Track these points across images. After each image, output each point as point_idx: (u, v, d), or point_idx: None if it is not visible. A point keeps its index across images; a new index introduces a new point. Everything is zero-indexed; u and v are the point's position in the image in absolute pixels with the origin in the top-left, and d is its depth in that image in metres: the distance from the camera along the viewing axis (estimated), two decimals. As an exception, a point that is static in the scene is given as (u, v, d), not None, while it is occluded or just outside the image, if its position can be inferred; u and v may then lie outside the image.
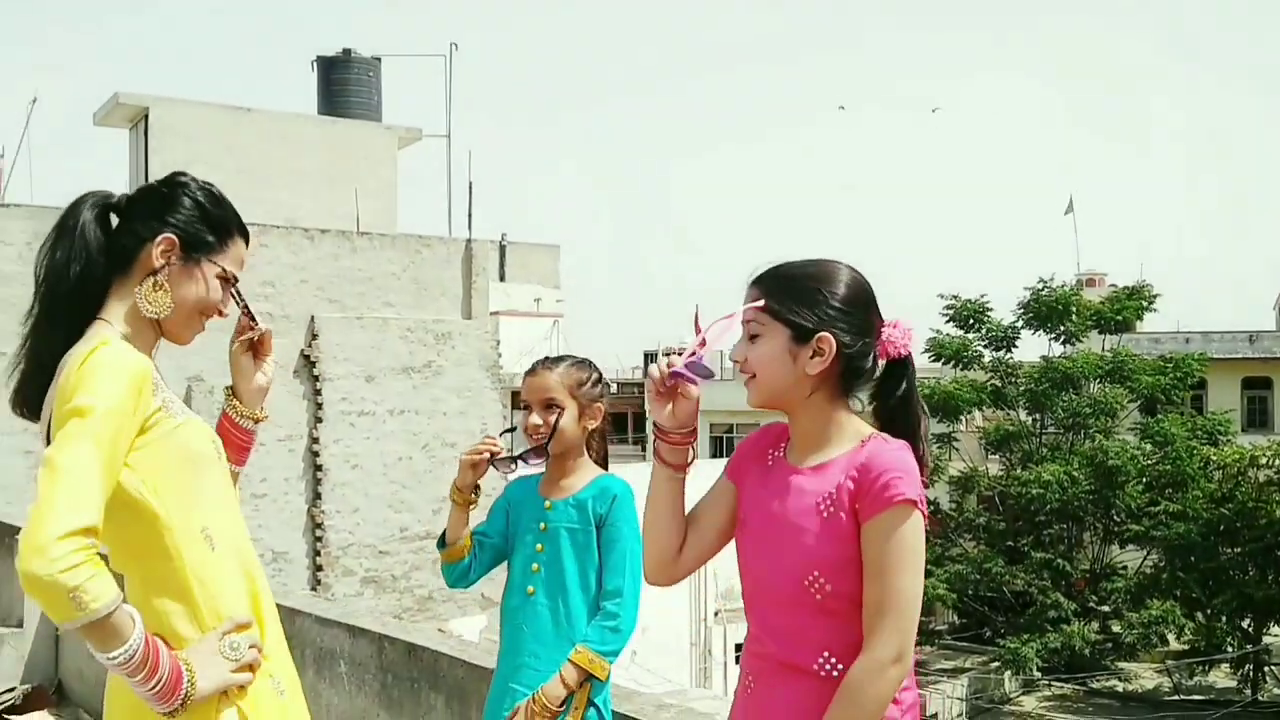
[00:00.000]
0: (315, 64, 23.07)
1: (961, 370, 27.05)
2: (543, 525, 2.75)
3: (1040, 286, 26.55)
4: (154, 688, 1.82)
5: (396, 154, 22.24)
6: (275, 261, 16.74)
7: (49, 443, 1.90)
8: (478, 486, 2.80)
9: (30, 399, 2.06)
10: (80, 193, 2.13)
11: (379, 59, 23.58)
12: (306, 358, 16.50)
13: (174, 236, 2.06)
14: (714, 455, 32.41)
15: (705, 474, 2.09)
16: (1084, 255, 55.52)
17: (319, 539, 16.35)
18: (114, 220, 2.12)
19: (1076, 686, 22.58)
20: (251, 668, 1.98)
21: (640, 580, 2.62)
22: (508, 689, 2.71)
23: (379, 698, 3.76)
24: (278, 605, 3.97)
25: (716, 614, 19.44)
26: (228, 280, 2.14)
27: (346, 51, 22.94)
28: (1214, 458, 24.38)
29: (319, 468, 16.47)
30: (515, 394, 19.32)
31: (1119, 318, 27.25)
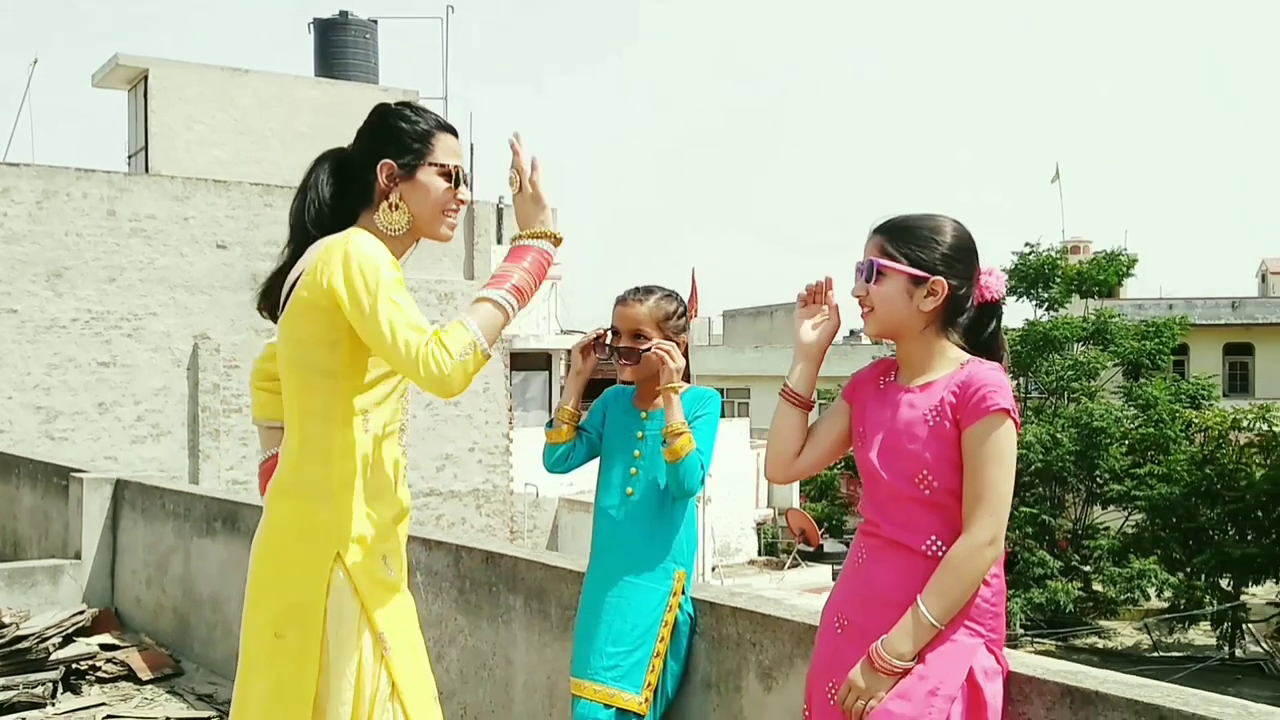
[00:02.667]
0: (312, 26, 23.12)
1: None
2: (640, 434, 3.03)
3: (1027, 251, 26.93)
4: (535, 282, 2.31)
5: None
6: (280, 222, 16.79)
7: (275, 317, 2.36)
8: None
9: (275, 305, 2.43)
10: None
11: (375, 21, 23.66)
12: (310, 317, 16.71)
13: (388, 161, 2.36)
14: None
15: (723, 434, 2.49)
16: (1069, 223, 56.04)
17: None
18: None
19: (1058, 643, 23.15)
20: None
21: (711, 455, 2.93)
22: (607, 580, 2.98)
23: (456, 603, 4.05)
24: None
25: (714, 569, 19.87)
26: (449, 173, 2.40)
27: (343, 14, 23.00)
28: (1196, 421, 24.91)
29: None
30: (515, 355, 19.60)
31: (1100, 280, 27.64)
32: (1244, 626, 23.22)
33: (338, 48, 22.83)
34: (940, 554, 2.22)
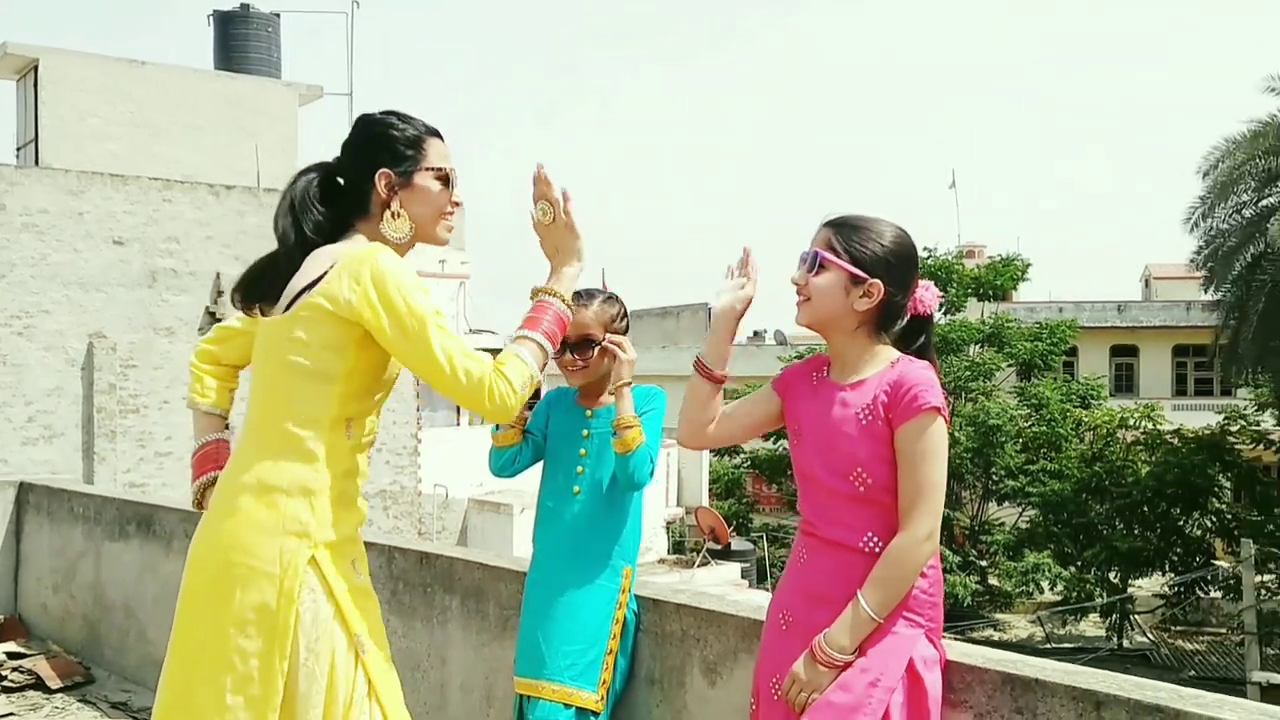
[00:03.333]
0: (212, 18, 22.55)
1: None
2: (586, 433, 3.05)
3: (925, 256, 27.57)
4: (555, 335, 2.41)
5: (297, 111, 21.93)
6: (179, 217, 16.51)
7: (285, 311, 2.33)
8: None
9: (253, 297, 2.45)
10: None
11: (278, 15, 23.18)
12: (212, 315, 16.32)
13: (386, 170, 2.38)
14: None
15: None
16: (964, 228, 57.46)
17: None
18: (339, 181, 2.45)
19: (955, 636, 23.66)
20: None
21: (658, 450, 2.98)
22: (554, 578, 2.98)
23: (389, 604, 4.01)
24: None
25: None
26: (444, 176, 2.43)
27: (244, 6, 22.50)
28: (1085, 420, 25.85)
29: (228, 426, 16.33)
30: (422, 354, 19.37)
31: (997, 284, 28.46)
32: (1131, 618, 24.12)
33: (238, 41, 22.31)
34: (878, 550, 2.28)
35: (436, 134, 2.46)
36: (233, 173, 19.04)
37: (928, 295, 2.44)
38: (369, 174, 2.37)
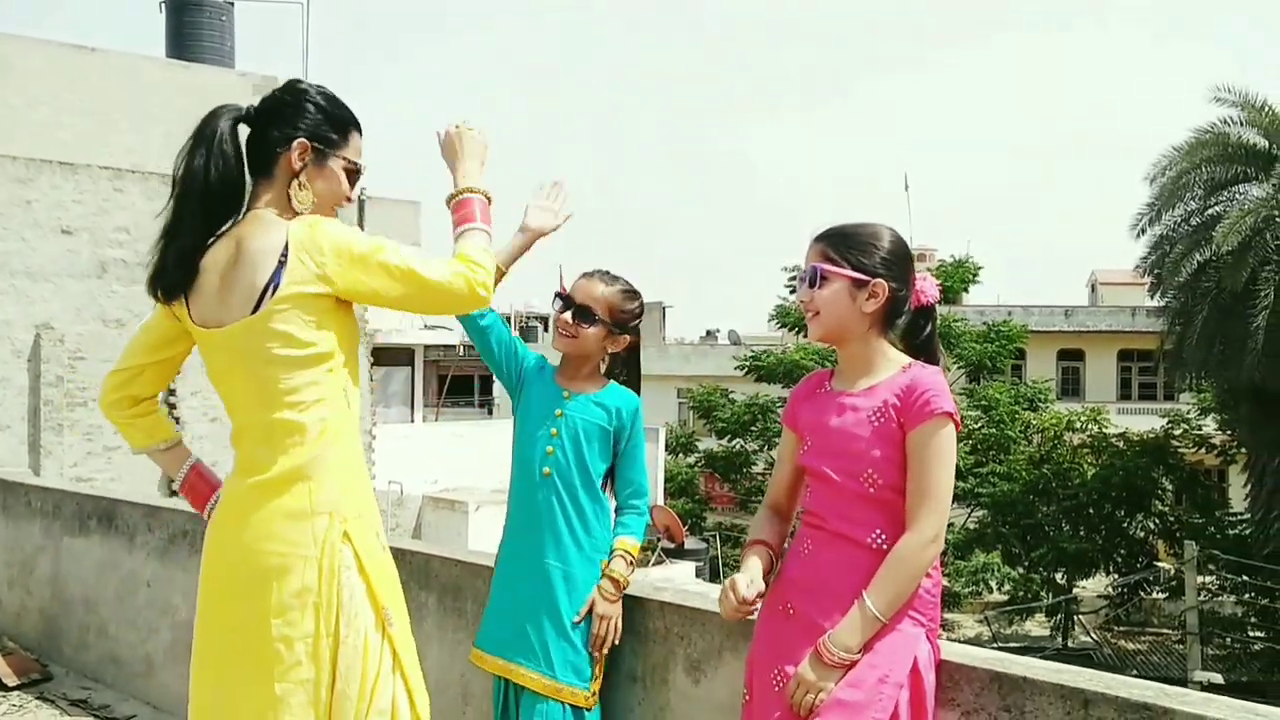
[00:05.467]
0: (164, 6, 22.20)
1: (806, 337, 28.08)
2: (559, 412, 3.00)
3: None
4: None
5: (251, 102, 21.62)
6: (130, 208, 16.21)
7: (254, 312, 2.27)
8: None
9: (175, 285, 2.35)
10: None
11: (231, 3, 22.87)
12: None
13: (305, 141, 2.35)
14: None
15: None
16: (916, 231, 58.06)
17: (175, 494, 15.95)
18: (244, 129, 2.36)
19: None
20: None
21: (648, 475, 3.01)
22: (531, 560, 2.96)
23: (362, 601, 4.00)
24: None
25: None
26: (354, 172, 2.45)
27: (198, -6, 22.16)
28: (1033, 422, 26.21)
29: (176, 420, 16.09)
30: (377, 349, 19.24)
31: (947, 287, 28.76)
32: (1076, 618, 24.51)
33: (191, 29, 22.02)
34: (884, 546, 2.31)
35: (360, 129, 2.48)
36: (185, 163, 18.73)
37: (928, 285, 2.49)
38: (287, 139, 2.36)
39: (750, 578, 2.44)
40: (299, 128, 2.36)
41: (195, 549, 4.71)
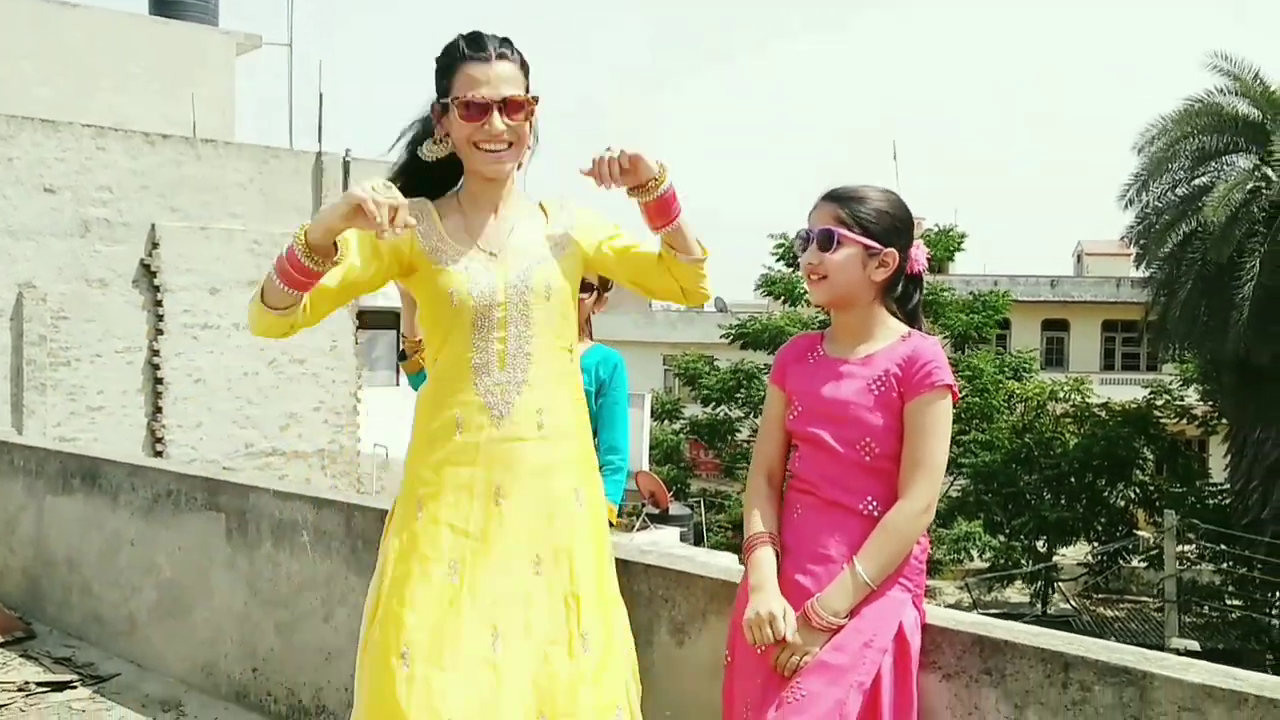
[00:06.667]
0: (147, -39, 21.89)
1: (790, 306, 28.12)
2: None
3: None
4: None
5: (234, 60, 21.43)
6: (113, 166, 16.06)
7: None
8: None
9: None
10: None
11: (215, -40, 22.56)
12: (146, 267, 15.96)
13: (434, 102, 2.41)
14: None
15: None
16: (904, 200, 57.87)
17: (159, 453, 15.96)
18: None
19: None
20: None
21: (629, 436, 2.97)
22: None
23: (347, 562, 3.99)
24: (221, 480, 4.25)
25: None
26: (466, 104, 2.33)
27: (181, -50, 21.85)
28: (1017, 392, 26.31)
29: (159, 381, 16.05)
30: (362, 313, 19.15)
31: (934, 256, 28.76)
32: (1055, 585, 24.75)
33: (174, -14, 21.71)
34: (876, 513, 2.31)
35: (476, 58, 2.34)
36: (168, 122, 18.56)
37: (919, 254, 2.47)
38: (433, 106, 2.42)
39: (782, 607, 2.27)
40: (436, 93, 2.43)
41: (179, 508, 4.70)
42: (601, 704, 2.30)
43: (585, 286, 2.97)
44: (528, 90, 2.39)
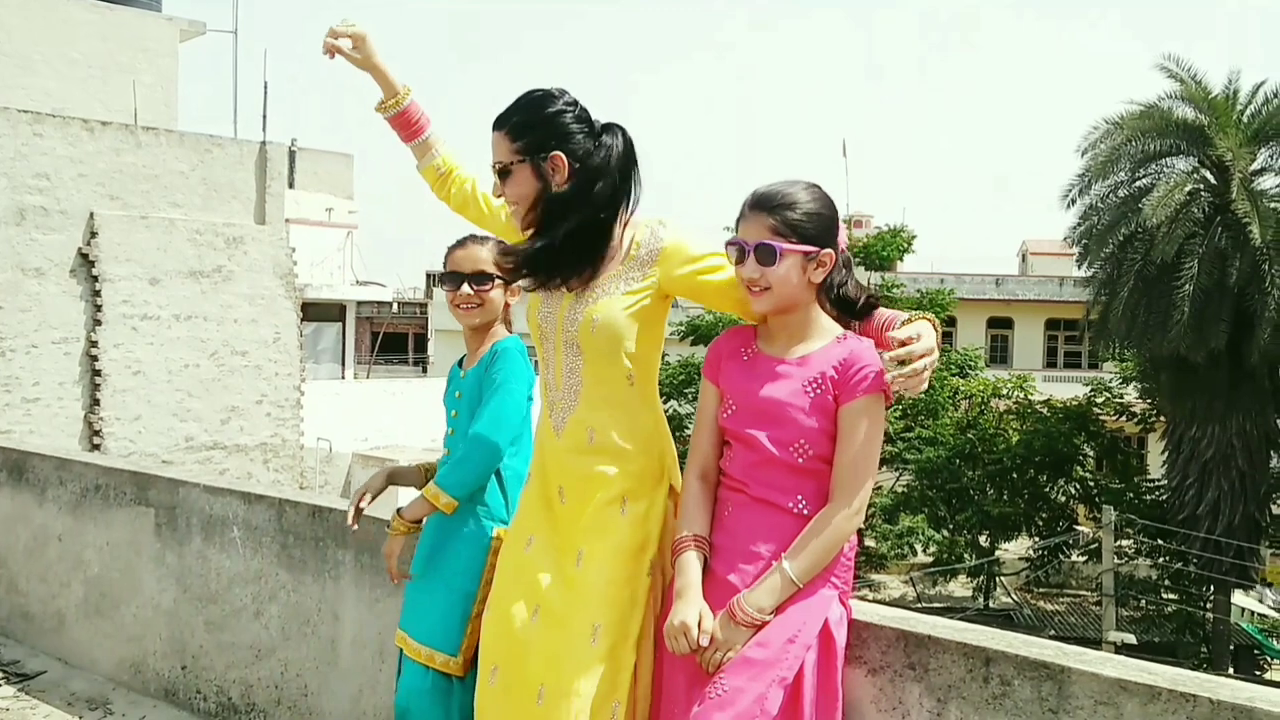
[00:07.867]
0: (88, -56, 21.41)
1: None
2: (458, 394, 3.00)
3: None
4: None
5: (178, 47, 21.05)
6: (50, 153, 15.71)
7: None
8: None
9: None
10: None
11: (159, -55, 22.14)
12: (85, 256, 15.64)
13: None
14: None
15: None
16: (853, 198, 58.28)
17: (96, 446, 15.67)
18: None
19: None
20: None
21: (504, 430, 2.81)
22: (430, 535, 2.93)
23: (278, 558, 3.93)
24: (150, 474, 4.24)
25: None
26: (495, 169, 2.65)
27: (124, -67, 21.41)
28: (962, 388, 26.62)
29: (97, 372, 15.74)
30: (307, 305, 18.95)
31: (883, 255, 29.02)
32: (997, 579, 25.08)
33: (117, -30, 21.25)
34: (806, 512, 2.32)
35: (494, 127, 2.63)
36: (108, 109, 18.21)
37: (843, 238, 2.45)
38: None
39: (699, 611, 2.28)
40: None
41: (108, 503, 4.62)
42: (601, 692, 2.36)
43: (487, 277, 2.93)
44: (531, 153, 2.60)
